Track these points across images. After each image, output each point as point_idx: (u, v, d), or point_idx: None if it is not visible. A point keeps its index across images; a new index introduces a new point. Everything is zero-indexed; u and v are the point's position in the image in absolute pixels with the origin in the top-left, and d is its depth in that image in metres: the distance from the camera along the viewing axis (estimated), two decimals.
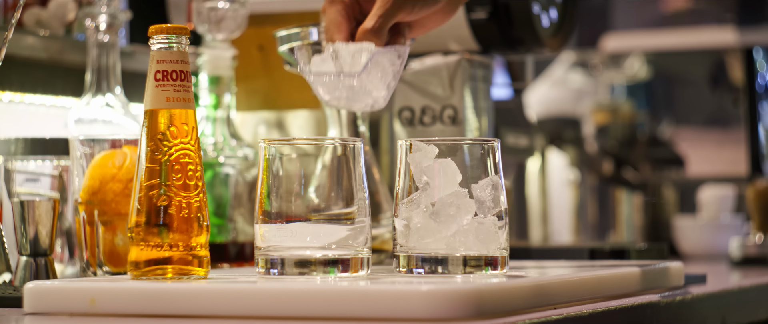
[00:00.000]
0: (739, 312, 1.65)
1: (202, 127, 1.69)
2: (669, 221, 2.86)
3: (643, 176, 2.98)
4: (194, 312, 1.09)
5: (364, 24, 1.33)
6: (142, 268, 1.19)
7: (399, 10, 1.33)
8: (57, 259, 1.53)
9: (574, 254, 1.78)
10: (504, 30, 1.78)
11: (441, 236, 1.22)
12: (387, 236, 1.56)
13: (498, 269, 1.24)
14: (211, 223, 1.65)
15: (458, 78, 1.70)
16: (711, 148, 3.10)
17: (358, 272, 1.22)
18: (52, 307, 1.13)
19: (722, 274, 2.04)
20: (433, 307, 1.03)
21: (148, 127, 1.20)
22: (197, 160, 1.21)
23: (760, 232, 2.34)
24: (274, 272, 1.21)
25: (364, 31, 1.32)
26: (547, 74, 3.19)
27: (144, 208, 1.19)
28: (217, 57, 1.70)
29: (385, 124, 1.79)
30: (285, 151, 1.23)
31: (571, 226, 3.06)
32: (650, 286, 1.40)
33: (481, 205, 1.23)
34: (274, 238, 1.22)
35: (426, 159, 1.23)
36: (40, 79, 1.79)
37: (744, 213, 2.71)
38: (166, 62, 1.20)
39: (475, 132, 1.71)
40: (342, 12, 1.34)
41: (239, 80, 1.79)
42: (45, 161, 1.53)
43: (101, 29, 1.66)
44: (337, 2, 1.34)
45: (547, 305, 1.17)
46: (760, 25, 3.17)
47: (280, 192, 1.22)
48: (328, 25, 1.34)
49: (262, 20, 1.85)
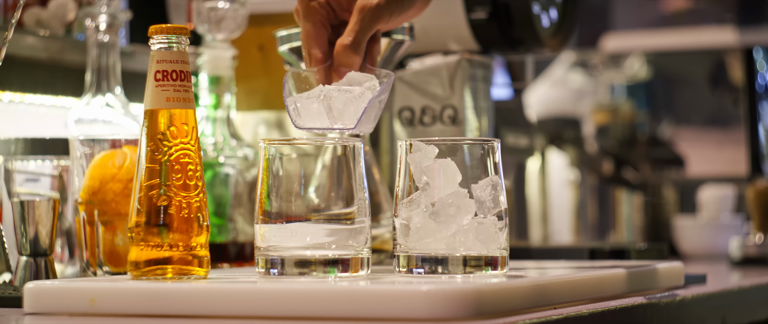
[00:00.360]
0: (739, 312, 1.65)
1: (202, 127, 1.69)
2: (669, 221, 2.86)
3: (643, 176, 2.98)
4: (194, 312, 1.09)
5: (341, 39, 1.31)
6: (142, 268, 1.19)
7: (375, 22, 1.32)
8: (57, 259, 1.53)
9: (574, 254, 1.78)
10: (504, 30, 1.78)
11: (441, 236, 1.22)
12: (387, 236, 1.56)
13: (498, 269, 1.24)
14: (211, 223, 1.65)
15: (458, 78, 1.70)
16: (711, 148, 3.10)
17: (358, 272, 1.22)
18: (52, 307, 1.13)
19: (722, 274, 2.04)
20: (433, 307, 1.02)
21: (148, 127, 1.20)
22: (197, 160, 1.21)
23: (760, 232, 2.34)
24: (274, 272, 1.21)
25: (343, 48, 1.31)
26: (547, 74, 3.19)
27: (144, 208, 1.19)
28: (217, 57, 1.70)
29: (385, 124, 1.79)
30: (285, 151, 1.23)
31: (571, 226, 3.06)
32: (650, 286, 1.40)
33: (481, 205, 1.23)
34: (274, 238, 1.22)
35: (426, 159, 1.23)
36: (40, 79, 1.79)
37: (744, 213, 2.71)
38: (166, 62, 1.20)
39: (475, 132, 1.71)
40: (317, 23, 1.33)
41: (239, 80, 1.79)
42: (45, 161, 1.53)
43: (101, 29, 1.66)
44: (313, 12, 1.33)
45: (547, 305, 1.17)
46: (760, 25, 3.17)
47: (280, 192, 1.22)
48: (304, 38, 1.33)
49: (262, 20, 1.85)
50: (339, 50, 1.31)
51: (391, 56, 1.57)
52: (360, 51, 1.32)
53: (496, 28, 1.77)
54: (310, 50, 1.33)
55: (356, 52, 1.32)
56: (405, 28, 1.56)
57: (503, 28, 1.77)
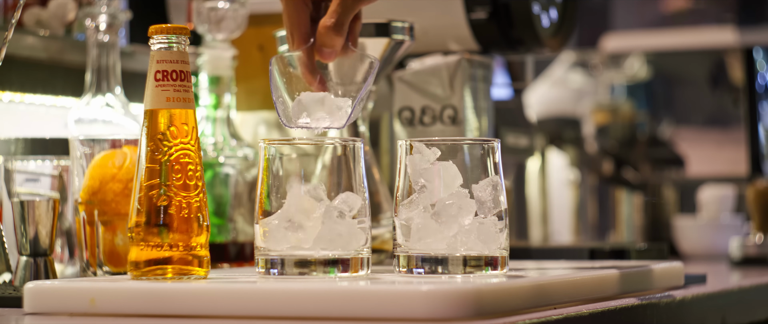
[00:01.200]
0: (739, 312, 1.65)
1: (202, 127, 1.69)
2: (669, 221, 2.86)
3: (643, 176, 2.98)
4: (194, 312, 1.09)
5: (324, 20, 1.32)
6: (142, 268, 1.19)
7: (358, 2, 1.32)
8: (57, 259, 1.53)
9: (574, 254, 1.78)
10: (504, 30, 1.78)
11: (442, 236, 1.22)
12: (387, 236, 1.56)
13: (498, 269, 1.24)
14: (211, 223, 1.65)
15: (458, 78, 1.70)
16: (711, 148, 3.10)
17: (358, 272, 1.22)
18: (52, 307, 1.13)
19: (722, 274, 2.04)
20: (433, 307, 1.03)
21: (148, 127, 1.20)
22: (197, 160, 1.21)
23: (760, 232, 2.34)
24: (274, 272, 1.21)
25: (326, 29, 1.31)
26: (547, 74, 3.19)
27: (144, 208, 1.19)
28: (217, 57, 1.70)
29: (385, 124, 1.79)
30: (285, 151, 1.23)
31: (571, 226, 3.06)
32: (650, 286, 1.40)
33: (482, 205, 1.23)
34: None
35: (423, 161, 1.23)
36: (40, 79, 1.79)
37: (744, 213, 2.71)
38: (166, 62, 1.20)
39: (475, 132, 1.71)
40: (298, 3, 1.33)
41: (239, 80, 1.79)
42: (45, 161, 1.53)
43: (101, 29, 1.66)
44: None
45: (547, 305, 1.17)
46: (760, 25, 3.17)
47: (280, 192, 1.22)
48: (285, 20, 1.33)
49: (262, 20, 1.85)
50: (322, 31, 1.31)
51: (391, 56, 1.57)
52: (343, 32, 1.32)
53: (496, 28, 1.77)
54: (292, 32, 1.33)
55: (339, 33, 1.32)
56: (405, 28, 1.56)
57: (503, 28, 1.77)
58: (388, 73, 1.69)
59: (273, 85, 1.31)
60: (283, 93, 1.32)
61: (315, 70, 1.33)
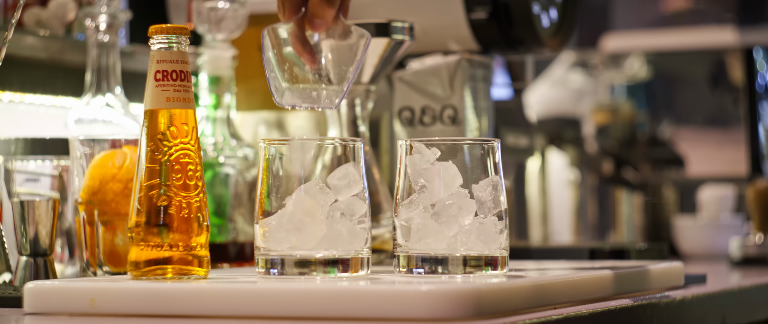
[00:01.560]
0: (739, 312, 1.65)
1: (202, 127, 1.69)
2: (669, 221, 2.86)
3: (643, 176, 2.98)
4: (194, 312, 1.09)
5: None
6: (142, 268, 1.19)
7: None
8: (57, 259, 1.53)
9: (574, 254, 1.78)
10: (504, 30, 1.78)
11: (442, 236, 1.22)
12: (387, 236, 1.56)
13: (498, 269, 1.23)
14: (211, 223, 1.65)
15: (458, 78, 1.70)
16: (711, 148, 3.10)
17: (358, 272, 1.22)
18: (52, 307, 1.13)
19: (722, 274, 2.04)
20: (433, 307, 1.03)
21: (148, 127, 1.20)
22: (197, 160, 1.21)
23: (760, 232, 2.34)
24: (274, 272, 1.21)
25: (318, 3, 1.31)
26: (547, 74, 3.19)
27: (144, 208, 1.19)
28: (217, 57, 1.70)
29: (385, 124, 1.79)
30: (285, 151, 1.23)
31: (571, 226, 3.06)
32: (650, 286, 1.40)
33: (482, 205, 1.23)
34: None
35: (423, 162, 1.23)
36: (40, 79, 1.79)
37: (744, 213, 2.71)
38: (166, 62, 1.20)
39: (475, 132, 1.71)
40: None
41: (239, 80, 1.79)
42: (45, 161, 1.53)
43: (101, 29, 1.66)
44: None
45: (547, 305, 1.17)
46: (760, 25, 3.17)
47: (280, 192, 1.22)
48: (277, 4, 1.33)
49: (262, 20, 1.85)
50: (314, 3, 1.31)
51: (391, 56, 1.57)
52: (334, 3, 1.32)
53: (496, 28, 1.77)
54: (284, 2, 1.33)
55: (331, 4, 1.32)
56: (405, 28, 1.56)
57: (503, 28, 1.77)
58: (388, 73, 1.69)
59: (265, 59, 1.31)
60: (275, 68, 1.32)
61: (306, 42, 1.33)
